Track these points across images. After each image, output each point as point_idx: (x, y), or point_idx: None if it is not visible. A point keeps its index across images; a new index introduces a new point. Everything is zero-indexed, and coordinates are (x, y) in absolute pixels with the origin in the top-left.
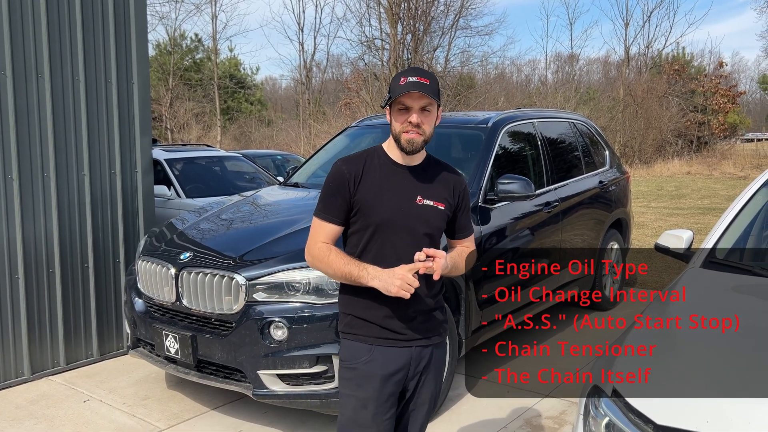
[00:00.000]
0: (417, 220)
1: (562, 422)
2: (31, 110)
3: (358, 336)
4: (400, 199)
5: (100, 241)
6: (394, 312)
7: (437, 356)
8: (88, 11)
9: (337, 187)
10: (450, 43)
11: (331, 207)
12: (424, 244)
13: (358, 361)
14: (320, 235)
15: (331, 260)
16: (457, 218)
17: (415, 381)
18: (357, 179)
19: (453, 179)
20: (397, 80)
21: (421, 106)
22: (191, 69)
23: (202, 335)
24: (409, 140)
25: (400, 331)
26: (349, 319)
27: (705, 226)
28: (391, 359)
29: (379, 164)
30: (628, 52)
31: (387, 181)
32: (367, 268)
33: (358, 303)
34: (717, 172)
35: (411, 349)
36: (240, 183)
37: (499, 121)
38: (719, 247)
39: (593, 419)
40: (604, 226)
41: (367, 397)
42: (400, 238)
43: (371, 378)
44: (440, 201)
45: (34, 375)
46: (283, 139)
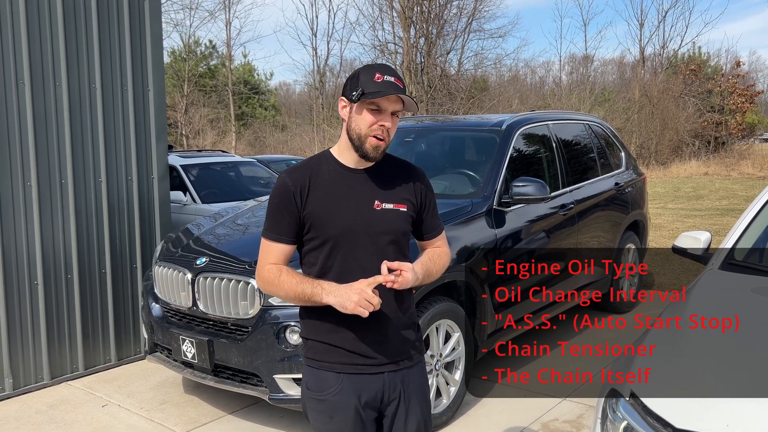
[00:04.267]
0: (378, 228)
1: (580, 426)
2: (49, 117)
3: (324, 364)
4: (356, 206)
5: (117, 246)
6: (363, 333)
7: (414, 379)
8: (104, 19)
9: (283, 203)
10: (463, 46)
11: (277, 225)
12: (389, 252)
13: (327, 392)
14: (269, 256)
15: (282, 281)
16: (423, 218)
17: (394, 407)
18: (304, 191)
19: (412, 176)
20: (370, 75)
21: (393, 110)
22: (206, 75)
23: (219, 340)
24: (376, 146)
25: (369, 355)
26: (312, 344)
27: (723, 228)
28: (362, 387)
29: (329, 171)
30: (643, 52)
31: (339, 189)
32: (321, 284)
33: (322, 326)
34: (735, 173)
35: (384, 375)
36: (255, 188)
37: (513, 123)
38: (738, 248)
39: (611, 423)
40: (620, 228)
41: (340, 429)
42: (363, 249)
43: (344, 408)
44: (401, 202)
45: (54, 380)
46: (298, 143)
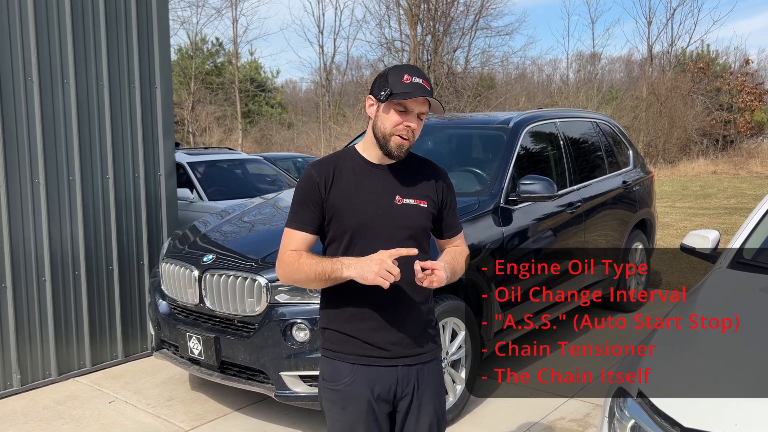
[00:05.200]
0: (398, 222)
1: (586, 425)
2: (57, 115)
3: (339, 354)
4: (377, 200)
5: (124, 243)
6: (380, 325)
7: (430, 375)
8: (111, 17)
9: (307, 194)
10: (470, 43)
11: (301, 215)
12: (408, 246)
13: (340, 383)
14: (291, 244)
15: (302, 263)
16: (443, 216)
17: (407, 402)
18: (328, 183)
19: (435, 175)
20: (399, 76)
21: (419, 112)
22: (212, 73)
23: (225, 337)
24: (400, 145)
25: (385, 347)
26: (329, 335)
27: (732, 226)
28: (375, 379)
29: (353, 165)
30: (651, 50)
31: (362, 183)
32: (341, 260)
33: (340, 316)
34: (744, 172)
35: (397, 369)
36: (261, 185)
37: (520, 121)
38: (747, 247)
39: (618, 422)
40: (628, 226)
41: (353, 420)
42: (382, 242)
43: (357, 400)
44: (422, 199)
45: (61, 376)
46: (304, 141)
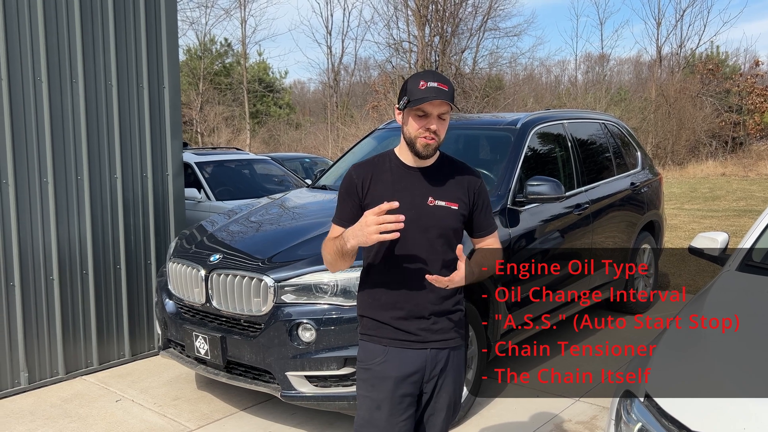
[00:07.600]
0: (429, 222)
1: (593, 427)
2: (66, 115)
3: (373, 337)
4: (411, 200)
5: (131, 243)
6: (409, 313)
7: (455, 360)
8: (120, 17)
9: (347, 193)
10: (478, 44)
11: (341, 211)
12: (438, 245)
13: (372, 362)
14: (331, 237)
15: (325, 245)
16: (474, 217)
17: (432, 384)
18: (366, 183)
19: (467, 178)
20: (416, 83)
21: (439, 113)
22: (221, 73)
23: (232, 336)
24: (426, 145)
25: (414, 332)
26: (365, 321)
27: (741, 229)
28: (405, 361)
29: (390, 168)
30: (660, 51)
31: (398, 184)
32: (344, 233)
33: (375, 304)
34: (753, 173)
35: (426, 351)
36: (269, 186)
37: (528, 122)
38: (756, 249)
39: (625, 424)
40: (636, 228)
41: (380, 398)
42: (413, 241)
43: (385, 379)
44: (453, 201)
45: (68, 374)
46: (311, 142)
